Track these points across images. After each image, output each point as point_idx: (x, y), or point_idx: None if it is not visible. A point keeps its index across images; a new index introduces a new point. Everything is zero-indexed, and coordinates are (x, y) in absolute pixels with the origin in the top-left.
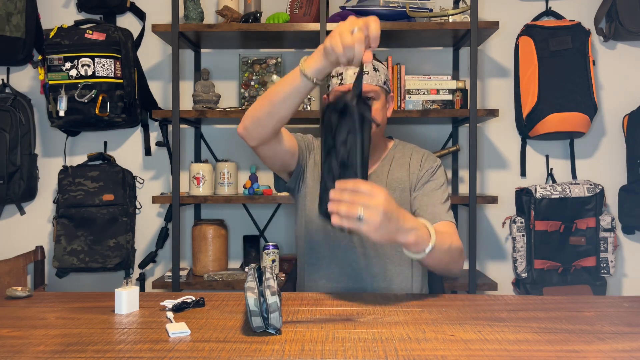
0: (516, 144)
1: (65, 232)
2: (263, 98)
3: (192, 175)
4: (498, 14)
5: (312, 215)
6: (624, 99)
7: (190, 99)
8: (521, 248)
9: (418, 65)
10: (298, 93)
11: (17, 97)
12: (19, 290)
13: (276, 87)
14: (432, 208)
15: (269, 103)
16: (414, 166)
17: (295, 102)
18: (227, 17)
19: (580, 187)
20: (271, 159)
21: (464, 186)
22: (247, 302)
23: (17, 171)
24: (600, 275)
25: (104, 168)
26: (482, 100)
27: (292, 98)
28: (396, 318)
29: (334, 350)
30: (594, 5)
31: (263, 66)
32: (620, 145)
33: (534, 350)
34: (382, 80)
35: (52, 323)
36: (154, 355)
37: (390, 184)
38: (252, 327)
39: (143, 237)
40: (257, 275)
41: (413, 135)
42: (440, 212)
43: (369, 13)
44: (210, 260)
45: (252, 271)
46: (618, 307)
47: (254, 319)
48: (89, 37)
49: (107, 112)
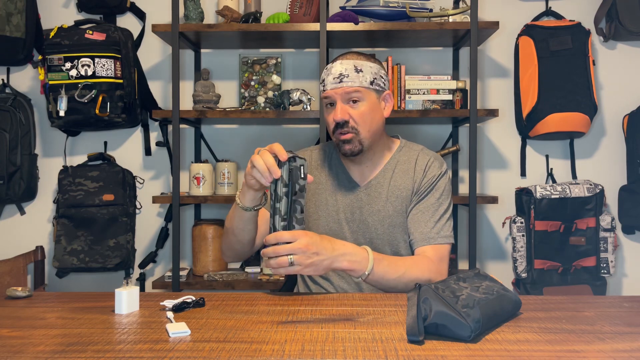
0: (516, 144)
1: (65, 232)
2: (226, 232)
3: (192, 175)
4: (498, 14)
5: (309, 216)
6: (624, 99)
7: (190, 99)
8: (521, 248)
9: (418, 65)
10: (249, 220)
11: (17, 97)
12: (19, 290)
13: (231, 222)
14: (423, 228)
15: (232, 235)
16: (418, 173)
17: (251, 226)
18: (227, 17)
19: (580, 187)
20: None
21: (464, 186)
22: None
23: (17, 171)
24: (600, 275)
25: (104, 168)
26: (482, 100)
27: (247, 224)
28: (396, 318)
29: (334, 350)
30: (594, 5)
31: (263, 66)
32: (620, 145)
33: (534, 350)
34: (367, 80)
35: (52, 323)
36: (154, 355)
37: (392, 192)
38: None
39: (143, 237)
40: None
41: (413, 135)
42: (430, 233)
43: (369, 13)
44: (210, 260)
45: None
46: (618, 307)
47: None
48: (89, 37)
49: (107, 112)
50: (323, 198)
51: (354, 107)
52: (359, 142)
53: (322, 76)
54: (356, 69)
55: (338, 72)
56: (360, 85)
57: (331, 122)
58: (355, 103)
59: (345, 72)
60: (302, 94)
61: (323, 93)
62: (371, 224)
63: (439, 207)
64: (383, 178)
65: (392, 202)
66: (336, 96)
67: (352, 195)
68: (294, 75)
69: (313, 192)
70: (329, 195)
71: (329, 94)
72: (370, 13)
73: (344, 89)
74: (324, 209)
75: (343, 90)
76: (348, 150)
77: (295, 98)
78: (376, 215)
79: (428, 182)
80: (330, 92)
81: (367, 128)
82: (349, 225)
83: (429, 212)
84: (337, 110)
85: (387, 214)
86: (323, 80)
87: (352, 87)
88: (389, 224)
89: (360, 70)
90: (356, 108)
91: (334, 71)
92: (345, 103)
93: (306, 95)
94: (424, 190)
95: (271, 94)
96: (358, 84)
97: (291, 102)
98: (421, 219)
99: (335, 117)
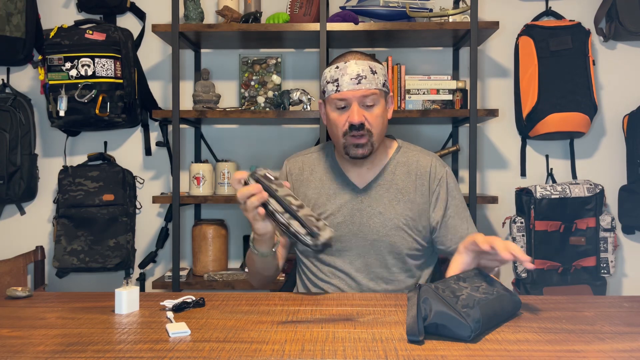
0: (516, 144)
1: (65, 232)
2: (251, 272)
3: (192, 175)
4: (498, 14)
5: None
6: (624, 99)
7: (190, 99)
8: (521, 248)
9: (418, 65)
10: (271, 259)
11: (17, 97)
12: (19, 290)
13: (253, 265)
14: (462, 232)
15: (258, 274)
16: (422, 176)
17: (274, 262)
18: (227, 17)
19: (580, 187)
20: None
21: (464, 186)
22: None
23: (17, 171)
24: (600, 275)
25: (104, 168)
26: (482, 100)
27: (270, 263)
28: (396, 318)
29: (334, 350)
30: (594, 5)
31: (263, 66)
32: (620, 145)
33: (534, 350)
34: (380, 83)
35: (52, 323)
36: (154, 355)
37: (394, 194)
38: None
39: (143, 237)
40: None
41: (413, 135)
42: (471, 231)
43: (369, 13)
44: (210, 260)
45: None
46: (618, 307)
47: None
48: (89, 37)
49: (107, 112)
50: (321, 202)
51: (369, 110)
52: (370, 145)
53: (333, 75)
54: (372, 70)
55: (355, 73)
56: (377, 87)
57: (343, 124)
58: (371, 106)
59: (363, 74)
60: (302, 94)
61: (336, 94)
62: (372, 226)
63: (462, 203)
64: (383, 180)
65: (394, 204)
66: (353, 98)
67: (351, 198)
68: (294, 75)
69: (311, 196)
70: (327, 198)
71: (346, 96)
72: (370, 13)
73: (362, 91)
74: (322, 212)
75: (362, 93)
76: (360, 154)
77: (295, 98)
78: (378, 217)
79: (440, 186)
80: (347, 94)
81: (378, 131)
82: (350, 228)
83: (459, 216)
84: (354, 112)
85: (389, 217)
86: (336, 80)
87: (370, 89)
88: (391, 226)
89: (375, 72)
90: (371, 111)
91: (351, 71)
92: (361, 106)
93: (306, 95)
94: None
95: (271, 94)
96: (375, 85)
97: (291, 102)
98: (456, 224)
99: (352, 119)
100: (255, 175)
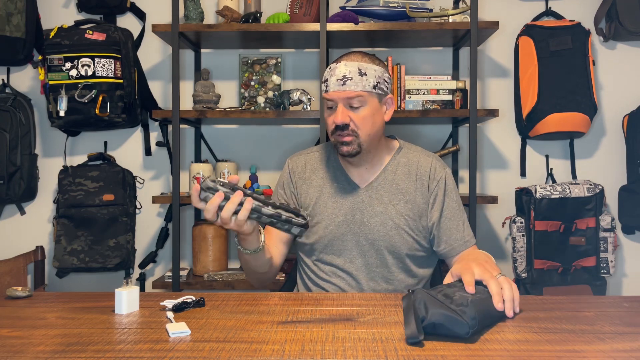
0: (516, 144)
1: (65, 232)
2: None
3: (192, 175)
4: (498, 14)
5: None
6: (624, 99)
7: (190, 99)
8: (521, 248)
9: (418, 65)
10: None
11: (17, 97)
12: (19, 290)
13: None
14: (456, 234)
15: (253, 273)
16: (422, 177)
17: (265, 258)
18: (227, 17)
19: (580, 187)
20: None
21: (464, 186)
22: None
23: (17, 171)
24: (600, 275)
25: (104, 168)
26: (482, 100)
27: (260, 259)
28: (396, 318)
29: (334, 350)
30: (594, 5)
31: (263, 66)
32: (620, 145)
33: (534, 350)
34: (370, 85)
35: (52, 323)
36: (154, 355)
37: (394, 194)
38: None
39: (143, 237)
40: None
41: (413, 135)
42: (465, 237)
43: (369, 13)
44: (210, 260)
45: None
46: (618, 307)
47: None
48: (89, 37)
49: (107, 112)
50: (322, 200)
51: (355, 111)
52: (357, 145)
53: (325, 76)
54: (360, 72)
55: (342, 74)
56: (363, 89)
57: (331, 124)
58: (357, 108)
59: (349, 75)
60: (302, 94)
61: (325, 94)
62: (373, 226)
63: (460, 206)
64: (384, 180)
65: (395, 204)
66: (338, 99)
67: (352, 197)
68: (294, 75)
69: (313, 195)
70: (328, 197)
71: (332, 97)
72: (370, 13)
73: (346, 93)
74: (323, 211)
75: (345, 95)
76: (346, 151)
77: (295, 98)
78: (378, 217)
79: (439, 187)
80: (333, 95)
81: (366, 132)
82: (350, 227)
83: (455, 218)
84: (338, 113)
85: (389, 216)
86: (326, 80)
87: (355, 91)
88: (391, 226)
89: (364, 74)
90: (357, 112)
91: (338, 72)
92: (347, 106)
93: (306, 95)
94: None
95: (271, 94)
96: (361, 88)
97: (291, 102)
98: (452, 226)
99: (336, 120)
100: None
